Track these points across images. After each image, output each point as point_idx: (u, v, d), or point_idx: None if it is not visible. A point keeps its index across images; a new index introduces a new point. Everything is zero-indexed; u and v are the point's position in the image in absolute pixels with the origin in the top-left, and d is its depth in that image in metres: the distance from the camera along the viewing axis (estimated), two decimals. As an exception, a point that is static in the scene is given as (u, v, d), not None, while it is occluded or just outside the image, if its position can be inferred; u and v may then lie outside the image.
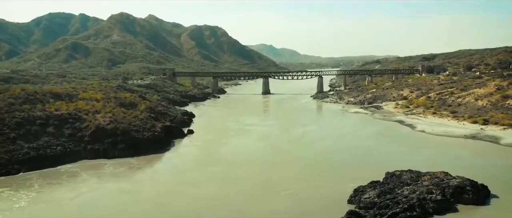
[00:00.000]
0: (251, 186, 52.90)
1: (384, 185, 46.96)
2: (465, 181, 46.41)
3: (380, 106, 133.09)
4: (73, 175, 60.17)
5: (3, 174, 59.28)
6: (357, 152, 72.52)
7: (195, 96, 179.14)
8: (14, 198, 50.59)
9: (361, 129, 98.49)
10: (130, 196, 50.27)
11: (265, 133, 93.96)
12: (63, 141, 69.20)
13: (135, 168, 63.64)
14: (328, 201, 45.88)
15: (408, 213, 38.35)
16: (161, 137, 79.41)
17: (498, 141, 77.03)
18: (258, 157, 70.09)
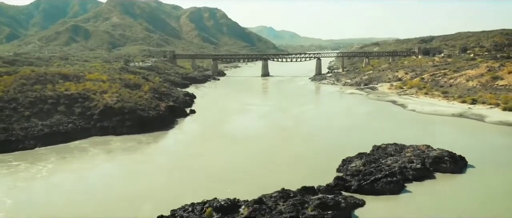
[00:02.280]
0: (252, 158, 57.76)
1: (370, 156, 51.82)
2: (444, 152, 51.19)
3: (375, 88, 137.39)
4: (84, 150, 64.96)
5: (20, 149, 63.91)
6: (350, 129, 77.36)
7: (196, 78, 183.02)
8: (33, 170, 55.27)
9: (355, 108, 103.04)
10: (145, 165, 55.54)
11: (264, 112, 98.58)
12: (74, 119, 73.77)
13: (144, 143, 68.56)
14: (320, 170, 50.57)
15: (389, 178, 43.13)
16: (165, 116, 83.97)
17: (483, 118, 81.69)
18: (258, 133, 74.98)
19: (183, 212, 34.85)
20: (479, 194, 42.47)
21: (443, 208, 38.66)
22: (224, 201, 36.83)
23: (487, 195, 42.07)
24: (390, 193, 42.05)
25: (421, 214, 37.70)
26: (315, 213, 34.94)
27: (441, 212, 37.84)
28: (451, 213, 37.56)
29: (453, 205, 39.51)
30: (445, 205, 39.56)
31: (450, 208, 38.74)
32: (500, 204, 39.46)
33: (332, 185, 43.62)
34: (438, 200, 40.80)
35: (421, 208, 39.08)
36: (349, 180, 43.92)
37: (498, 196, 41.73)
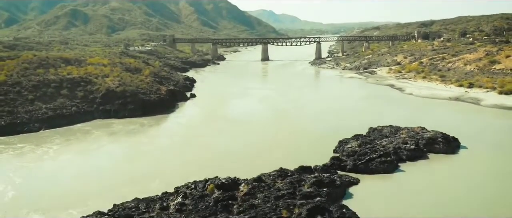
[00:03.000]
0: (252, 140, 59.40)
1: (366, 138, 53.44)
2: (437, 134, 52.75)
3: (374, 72, 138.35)
4: (88, 132, 66.52)
5: (25, 131, 65.43)
6: (348, 111, 78.89)
7: (196, 62, 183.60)
8: (39, 151, 56.89)
9: (353, 92, 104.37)
10: (149, 146, 57.44)
11: (264, 96, 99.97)
12: (77, 102, 75.17)
13: (147, 125, 70.19)
14: (317, 151, 52.13)
15: (383, 158, 44.79)
16: (166, 99, 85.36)
17: (479, 102, 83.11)
18: (258, 116, 76.60)
19: (186, 189, 36.54)
20: (469, 173, 44.16)
21: (434, 186, 40.39)
22: (225, 179, 38.44)
23: (477, 174, 43.78)
24: (384, 172, 43.77)
25: (413, 191, 39.41)
26: (311, 190, 36.64)
27: (432, 189, 39.55)
28: (442, 190, 39.26)
29: (444, 183, 41.23)
30: (436, 183, 41.30)
31: (441, 186, 40.46)
32: (489, 183, 41.11)
33: (328, 165, 45.30)
34: (429, 179, 42.57)
35: (413, 186, 40.82)
36: (344, 160, 45.59)
37: (488, 175, 43.39)
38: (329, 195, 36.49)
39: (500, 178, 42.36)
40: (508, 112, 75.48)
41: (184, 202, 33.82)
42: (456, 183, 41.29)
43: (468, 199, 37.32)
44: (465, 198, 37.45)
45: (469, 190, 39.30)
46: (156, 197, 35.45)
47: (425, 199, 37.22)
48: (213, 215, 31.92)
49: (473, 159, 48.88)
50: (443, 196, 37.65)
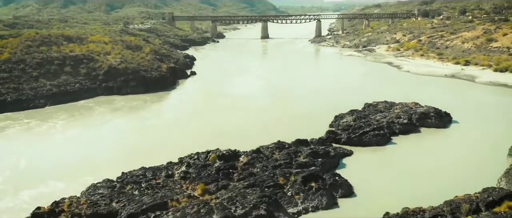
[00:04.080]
0: (252, 115, 61.44)
1: (361, 112, 55.54)
2: (430, 109, 54.80)
3: (373, 50, 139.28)
4: (92, 108, 68.51)
5: (31, 107, 67.36)
6: (345, 88, 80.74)
7: (195, 40, 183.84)
8: (44, 126, 58.96)
9: (352, 69, 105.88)
10: (153, 121, 59.72)
11: (263, 73, 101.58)
12: (80, 79, 76.85)
13: (149, 102, 72.24)
14: (314, 126, 54.07)
15: (376, 132, 46.97)
16: (167, 77, 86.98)
17: (474, 79, 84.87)
18: (257, 92, 78.55)
19: (190, 159, 38.79)
20: (458, 145, 46.41)
21: (423, 157, 42.75)
22: (226, 151, 40.64)
23: (465, 146, 46.01)
24: (377, 145, 46.03)
25: (402, 161, 41.77)
26: (307, 160, 38.91)
27: (422, 160, 41.89)
28: (430, 160, 41.58)
29: (433, 154, 43.54)
30: (425, 154, 43.64)
31: (429, 156, 42.78)
32: (475, 154, 43.33)
33: (324, 138, 47.52)
34: (420, 150, 44.90)
35: (404, 157, 43.16)
36: (339, 134, 47.78)
37: (476, 147, 45.55)
38: (323, 165, 38.80)
39: (486, 149, 44.52)
40: (501, 89, 77.38)
41: (188, 171, 36.12)
42: (444, 154, 43.58)
43: (454, 169, 39.59)
44: (452, 168, 39.73)
45: (456, 161, 41.59)
46: (162, 166, 37.74)
47: (413, 168, 39.60)
48: (215, 181, 34.25)
49: (462, 132, 51.11)
50: (430, 166, 40.00)
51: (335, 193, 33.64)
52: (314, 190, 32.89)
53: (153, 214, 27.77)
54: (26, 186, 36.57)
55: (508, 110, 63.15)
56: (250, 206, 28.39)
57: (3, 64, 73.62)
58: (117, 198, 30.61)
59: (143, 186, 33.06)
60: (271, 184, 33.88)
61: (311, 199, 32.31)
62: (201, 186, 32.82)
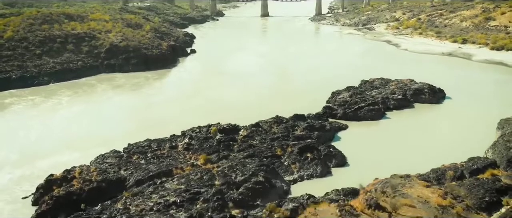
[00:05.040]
0: (251, 92, 62.93)
1: (357, 89, 57.22)
2: (424, 85, 56.47)
3: (372, 28, 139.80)
4: (94, 85, 70.08)
5: (35, 84, 68.85)
6: (343, 66, 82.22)
7: (194, 18, 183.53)
8: (49, 103, 60.60)
9: (351, 48, 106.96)
10: (157, 97, 61.47)
11: (263, 51, 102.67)
12: (82, 57, 78.14)
13: (151, 79, 73.80)
14: (312, 102, 55.60)
15: (371, 107, 48.77)
16: (168, 55, 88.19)
17: (471, 57, 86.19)
18: (257, 70, 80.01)
19: (192, 132, 40.73)
20: (450, 120, 48.23)
21: (416, 130, 44.73)
22: (226, 125, 42.55)
23: (457, 121, 47.77)
24: (371, 119, 47.91)
25: (396, 134, 43.74)
26: (303, 133, 40.85)
27: (413, 133, 43.88)
28: (422, 134, 43.54)
29: (425, 128, 45.51)
30: (418, 128, 45.60)
31: (422, 130, 44.75)
32: (467, 128, 45.13)
33: (320, 113, 49.33)
34: (412, 125, 46.84)
35: (397, 130, 45.13)
36: (335, 109, 49.60)
37: (467, 122, 47.31)
38: (319, 137, 40.76)
39: (477, 123, 46.29)
40: (496, 66, 78.83)
41: (190, 143, 38.09)
42: (436, 128, 45.56)
43: (444, 141, 41.53)
44: (442, 141, 41.67)
45: (446, 134, 43.57)
46: (166, 138, 39.67)
47: (405, 141, 41.63)
48: (216, 152, 36.24)
49: (455, 108, 52.92)
50: (422, 139, 42.00)
51: (329, 163, 35.67)
52: (309, 160, 34.91)
53: (159, 180, 29.81)
54: (38, 157, 38.55)
55: (502, 86, 64.86)
56: (249, 174, 30.39)
57: (7, 42, 74.78)
58: (125, 166, 32.66)
59: (149, 156, 35.07)
60: (269, 155, 35.88)
61: (307, 168, 34.36)
62: (203, 156, 34.80)
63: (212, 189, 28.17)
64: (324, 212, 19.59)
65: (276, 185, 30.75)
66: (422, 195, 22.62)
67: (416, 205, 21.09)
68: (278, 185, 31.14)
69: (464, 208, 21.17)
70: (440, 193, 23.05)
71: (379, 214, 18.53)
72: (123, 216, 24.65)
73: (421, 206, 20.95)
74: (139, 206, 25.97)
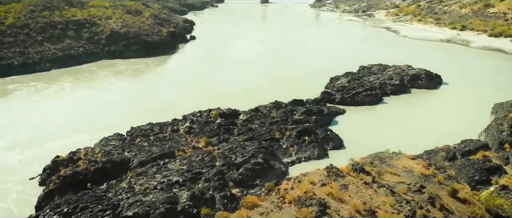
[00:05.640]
0: (252, 77, 63.75)
1: (356, 74, 57.99)
2: (422, 71, 57.29)
3: (372, 14, 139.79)
4: (95, 72, 70.77)
5: (37, 70, 69.54)
6: (343, 52, 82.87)
7: (194, 5, 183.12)
8: (51, 89, 61.34)
9: (350, 34, 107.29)
10: (158, 83, 62.30)
11: (264, 37, 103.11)
12: (83, 43, 78.69)
13: (152, 65, 74.50)
14: (311, 88, 56.45)
15: (369, 92, 49.65)
16: (167, 41, 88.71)
17: (469, 44, 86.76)
18: (257, 56, 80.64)
19: (193, 116, 41.68)
20: (445, 105, 49.15)
21: (412, 115, 45.68)
22: (227, 109, 43.46)
23: (453, 106, 48.71)
24: (369, 104, 48.86)
25: (392, 119, 44.70)
26: (302, 117, 41.82)
27: (409, 118, 44.85)
28: (418, 118, 44.50)
29: (421, 113, 46.45)
30: (414, 112, 46.57)
31: (418, 115, 45.71)
32: (462, 112, 46.12)
33: (319, 98, 50.24)
34: (409, 109, 47.81)
35: (393, 115, 46.09)
36: (333, 94, 50.50)
37: (462, 106, 48.28)
38: (317, 121, 41.74)
39: (471, 108, 47.31)
40: (493, 53, 79.52)
41: (191, 126, 39.08)
42: (431, 113, 46.47)
43: (439, 125, 42.48)
44: (437, 125, 42.61)
45: (441, 118, 44.47)
46: (167, 122, 40.64)
47: (401, 124, 42.59)
48: (217, 135, 37.27)
49: (451, 93, 53.87)
50: (417, 123, 42.98)
51: (326, 146, 36.71)
52: (307, 143, 35.95)
53: (162, 161, 30.88)
54: (43, 141, 39.54)
55: (498, 72, 65.66)
56: (249, 155, 31.46)
57: (8, 29, 75.23)
58: (129, 148, 33.71)
59: (152, 139, 36.09)
60: (268, 138, 36.89)
61: (304, 150, 35.43)
62: (204, 139, 35.82)
63: (213, 169, 29.25)
64: (313, 174, 20.85)
65: (274, 166, 31.83)
66: (407, 165, 23.82)
67: (400, 174, 22.26)
68: (277, 166, 32.21)
69: (445, 178, 22.31)
70: (424, 165, 24.31)
71: (363, 176, 19.71)
72: (128, 194, 25.75)
73: (405, 175, 22.13)
74: (143, 185, 27.07)
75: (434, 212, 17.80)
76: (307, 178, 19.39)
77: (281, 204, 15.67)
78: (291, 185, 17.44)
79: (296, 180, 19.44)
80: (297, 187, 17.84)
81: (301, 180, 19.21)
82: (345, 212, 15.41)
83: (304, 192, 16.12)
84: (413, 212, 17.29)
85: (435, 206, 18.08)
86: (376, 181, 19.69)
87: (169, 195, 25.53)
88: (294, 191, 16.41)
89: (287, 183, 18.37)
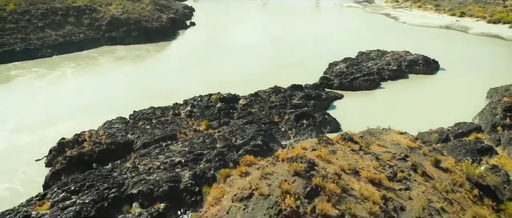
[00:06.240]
0: (251, 64, 64.24)
1: (354, 60, 58.72)
2: (419, 56, 57.99)
3: (372, 1, 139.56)
4: (97, 58, 71.42)
5: (39, 56, 70.13)
6: (342, 38, 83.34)
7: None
8: (53, 75, 62.06)
9: (350, 21, 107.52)
10: (158, 68, 62.93)
11: (263, 25, 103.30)
12: (84, 29, 79.11)
13: (152, 51, 75.10)
14: (310, 74, 57.20)
15: (366, 77, 50.48)
16: (167, 27, 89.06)
17: (467, 30, 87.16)
18: (256, 42, 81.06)
19: (194, 101, 42.62)
20: (442, 90, 50.04)
21: (408, 99, 46.61)
22: (227, 94, 44.37)
23: (449, 91, 49.62)
24: (366, 89, 49.74)
25: (389, 103, 45.66)
26: (300, 102, 42.77)
27: (406, 102, 45.79)
28: (414, 103, 45.42)
29: (417, 97, 47.38)
30: (411, 97, 47.50)
31: (414, 99, 46.63)
32: (458, 97, 47.00)
33: (317, 83, 51.07)
34: (405, 94, 48.74)
35: (390, 99, 47.02)
36: (332, 79, 51.33)
37: (458, 91, 49.17)
38: (315, 106, 42.68)
39: (467, 93, 48.18)
40: (492, 39, 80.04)
41: (192, 110, 40.04)
42: (428, 97, 47.40)
43: (435, 109, 43.42)
44: (433, 108, 43.55)
45: (437, 103, 45.41)
46: (169, 106, 41.59)
47: (397, 108, 43.57)
48: (217, 119, 38.26)
49: (448, 78, 54.69)
50: (413, 107, 43.93)
51: (324, 129, 37.72)
52: (305, 126, 36.97)
53: (165, 143, 31.92)
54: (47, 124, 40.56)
55: (496, 58, 66.38)
56: (248, 138, 32.46)
57: (9, 15, 75.53)
58: (132, 131, 34.72)
59: (154, 122, 37.09)
60: (267, 121, 37.89)
61: (302, 133, 36.45)
62: (205, 122, 36.79)
63: (214, 151, 30.29)
64: (305, 142, 22.23)
65: (273, 148, 32.81)
66: (395, 139, 24.99)
67: (387, 146, 23.42)
68: (275, 148, 33.16)
69: (430, 150, 23.48)
70: (411, 138, 25.53)
71: (351, 144, 21.02)
72: (133, 174, 26.83)
73: (391, 147, 23.30)
74: (147, 165, 28.12)
75: (415, 176, 19.14)
76: (300, 145, 20.72)
77: (275, 162, 17.22)
78: (285, 151, 18.78)
79: (290, 146, 20.93)
80: (290, 151, 19.20)
81: (294, 146, 20.84)
82: (331, 169, 17.04)
83: (296, 154, 17.77)
84: (394, 174, 18.88)
85: (417, 172, 19.40)
86: (363, 149, 21.07)
87: (172, 175, 26.62)
88: (287, 154, 18.07)
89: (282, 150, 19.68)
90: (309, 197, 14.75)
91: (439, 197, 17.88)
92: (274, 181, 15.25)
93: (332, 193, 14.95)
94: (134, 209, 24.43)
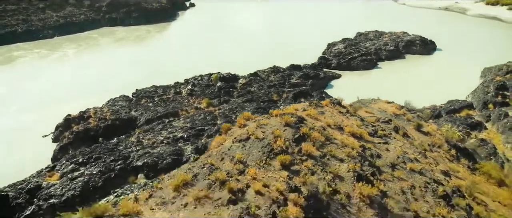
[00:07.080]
0: (251, 46, 64.96)
1: (352, 41, 59.46)
2: (416, 37, 58.72)
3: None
4: (97, 39, 72.11)
5: (41, 38, 70.84)
6: (341, 20, 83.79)
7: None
8: (55, 55, 62.93)
9: (350, 4, 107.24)
10: (165, 45, 64.35)
11: (263, 8, 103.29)
12: (84, 11, 79.53)
13: (153, 32, 75.69)
14: (309, 54, 58.09)
15: (364, 57, 51.37)
16: (167, 8, 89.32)
17: (465, 12, 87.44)
18: (257, 26, 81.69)
19: (194, 80, 43.65)
20: (437, 69, 50.98)
21: (404, 78, 47.62)
22: (227, 74, 45.36)
23: (444, 70, 50.55)
24: (364, 69, 50.69)
25: (385, 82, 46.65)
26: (298, 81, 43.81)
27: (402, 81, 46.79)
28: (410, 82, 46.42)
29: (413, 76, 48.34)
30: (407, 76, 48.46)
31: (410, 78, 47.63)
32: (452, 76, 47.97)
33: (316, 63, 51.99)
34: (402, 73, 49.67)
35: (387, 78, 48.01)
36: (330, 59, 52.23)
37: (453, 71, 50.10)
38: (313, 85, 43.75)
39: (462, 72, 49.08)
40: (490, 21, 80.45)
41: (193, 89, 41.12)
42: (423, 76, 48.36)
43: (430, 87, 44.44)
44: (428, 87, 44.56)
45: (432, 81, 46.39)
46: (170, 85, 42.67)
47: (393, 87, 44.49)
48: (217, 97, 39.39)
49: (444, 58, 55.58)
50: (409, 85, 44.95)
51: (322, 107, 38.84)
52: (303, 104, 38.08)
53: (167, 120, 33.13)
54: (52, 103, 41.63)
55: (492, 39, 66.99)
56: (248, 114, 33.61)
57: (10, -4, 75.94)
58: (135, 108, 35.90)
59: (156, 100, 38.24)
60: (266, 100, 38.99)
61: (300, 110, 37.59)
62: (206, 100, 37.94)
63: (214, 127, 31.48)
64: (297, 105, 23.80)
65: (272, 125, 34.07)
66: (382, 107, 26.35)
67: (374, 113, 24.74)
68: (274, 124, 34.47)
69: (414, 117, 24.79)
70: (397, 106, 26.83)
71: (339, 108, 22.54)
72: (137, 147, 28.12)
73: (377, 113, 24.60)
74: (151, 140, 29.40)
75: (396, 136, 20.63)
76: (292, 106, 22.04)
77: (270, 117, 18.67)
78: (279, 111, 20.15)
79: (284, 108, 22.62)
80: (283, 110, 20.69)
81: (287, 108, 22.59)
82: (318, 124, 18.95)
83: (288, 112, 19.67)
84: (375, 131, 20.62)
85: (398, 133, 20.78)
86: (349, 112, 22.49)
87: (175, 148, 27.92)
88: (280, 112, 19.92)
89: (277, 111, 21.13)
90: (297, 141, 17.08)
91: (415, 151, 19.54)
92: (268, 130, 17.56)
93: (317, 140, 17.31)
94: (139, 179, 25.79)
